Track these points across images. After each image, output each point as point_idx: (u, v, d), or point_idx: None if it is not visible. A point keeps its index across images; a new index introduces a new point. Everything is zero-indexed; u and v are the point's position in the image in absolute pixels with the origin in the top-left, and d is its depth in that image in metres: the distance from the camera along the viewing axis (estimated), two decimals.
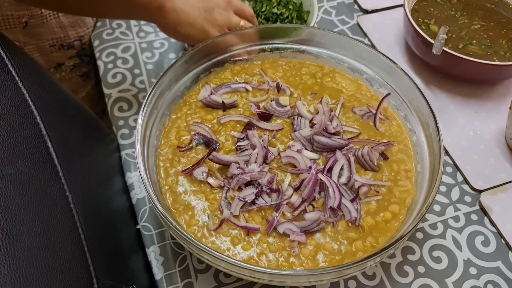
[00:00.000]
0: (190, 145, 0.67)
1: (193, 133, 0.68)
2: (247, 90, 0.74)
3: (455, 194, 0.73)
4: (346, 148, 0.66)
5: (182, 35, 0.75)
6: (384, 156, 0.66)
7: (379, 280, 0.65)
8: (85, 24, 0.96)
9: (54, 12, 0.90)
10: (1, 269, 0.41)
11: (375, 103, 0.72)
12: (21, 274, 0.43)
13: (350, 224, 0.60)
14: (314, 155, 0.65)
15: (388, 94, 0.71)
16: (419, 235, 0.69)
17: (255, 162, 0.63)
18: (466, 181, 0.75)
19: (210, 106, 0.72)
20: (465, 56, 0.79)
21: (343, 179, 0.63)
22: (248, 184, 0.62)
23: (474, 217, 0.71)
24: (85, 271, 0.52)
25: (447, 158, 0.77)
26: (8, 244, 0.43)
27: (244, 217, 0.60)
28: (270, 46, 0.78)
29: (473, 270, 0.66)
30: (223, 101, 0.72)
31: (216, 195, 0.62)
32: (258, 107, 0.71)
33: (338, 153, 0.64)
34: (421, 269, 0.66)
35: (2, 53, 0.57)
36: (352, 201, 0.61)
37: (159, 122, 0.69)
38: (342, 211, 0.60)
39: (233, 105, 0.72)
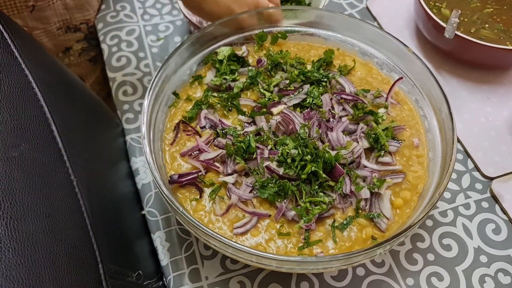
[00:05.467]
0: (196, 129, 0.66)
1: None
2: None
3: (465, 181, 0.72)
4: (355, 133, 0.65)
5: (205, 12, 0.72)
6: (396, 140, 0.65)
7: (388, 268, 0.64)
8: (92, 7, 0.93)
9: None
10: (6, 253, 0.40)
11: (386, 87, 0.70)
12: (26, 259, 0.42)
13: (360, 211, 0.59)
14: None
15: (400, 78, 0.70)
16: (429, 223, 0.68)
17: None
18: (477, 168, 0.73)
19: (217, 89, 0.71)
20: (477, 40, 0.77)
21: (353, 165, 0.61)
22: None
23: (485, 204, 0.70)
24: (91, 256, 0.51)
25: (458, 145, 0.76)
26: (12, 228, 0.42)
27: (252, 203, 0.59)
28: (279, 29, 0.76)
29: (483, 258, 0.65)
30: (229, 84, 0.70)
31: (224, 180, 0.61)
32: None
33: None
34: (430, 256, 0.65)
35: (5, 34, 0.56)
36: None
37: (165, 106, 0.68)
38: (356, 197, 0.59)
39: None
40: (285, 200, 0.58)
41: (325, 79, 0.70)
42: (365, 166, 0.62)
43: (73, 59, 0.97)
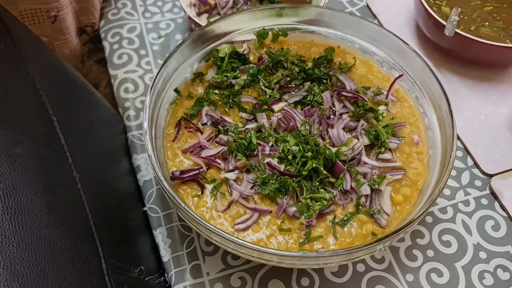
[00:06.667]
0: (198, 126, 0.67)
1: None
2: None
3: (465, 178, 0.73)
4: (355, 130, 0.65)
5: None
6: (396, 137, 0.65)
7: (388, 264, 0.64)
8: (96, 11, 0.93)
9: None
10: (10, 247, 0.40)
11: (387, 84, 0.71)
12: (30, 253, 0.42)
13: (360, 207, 0.60)
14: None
15: (400, 75, 0.70)
16: (429, 219, 0.68)
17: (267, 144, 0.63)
18: (476, 165, 0.74)
19: (218, 86, 0.71)
20: (477, 38, 0.77)
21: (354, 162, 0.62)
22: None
23: (484, 201, 0.70)
24: (93, 252, 0.52)
25: (458, 142, 0.76)
26: (17, 223, 0.42)
27: (254, 199, 0.60)
28: (279, 27, 0.76)
29: (482, 255, 0.65)
30: (230, 82, 0.71)
31: (225, 176, 0.61)
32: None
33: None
34: (430, 253, 0.65)
35: (8, 33, 0.56)
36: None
37: (166, 103, 0.68)
38: (357, 193, 0.60)
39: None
40: (286, 197, 0.59)
41: (325, 77, 0.70)
42: (366, 163, 0.62)
43: (88, 65, 0.96)
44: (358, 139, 0.63)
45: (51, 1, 0.79)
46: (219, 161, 0.62)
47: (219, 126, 0.66)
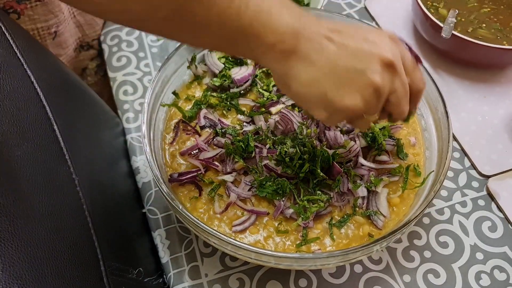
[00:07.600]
0: (196, 128, 0.67)
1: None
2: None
3: (462, 179, 0.73)
4: (352, 132, 0.66)
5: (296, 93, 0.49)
6: (393, 139, 0.65)
7: (385, 265, 0.65)
8: (101, 21, 0.93)
9: (72, 12, 0.85)
10: (10, 250, 0.41)
11: None
12: (29, 256, 0.43)
13: (357, 209, 0.60)
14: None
15: None
16: (426, 220, 0.69)
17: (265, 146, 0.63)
18: (473, 166, 0.74)
19: (216, 89, 0.72)
20: (474, 40, 0.78)
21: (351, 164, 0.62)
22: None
23: (481, 202, 0.71)
24: (92, 254, 0.52)
25: (455, 143, 0.77)
26: (16, 226, 0.43)
27: (251, 201, 0.60)
28: None
29: (479, 256, 0.66)
30: (229, 85, 0.71)
31: (223, 178, 0.62)
32: None
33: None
34: (427, 254, 0.66)
35: (7, 35, 0.57)
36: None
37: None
38: (353, 195, 0.60)
39: None
40: (283, 198, 0.59)
41: None
42: (362, 165, 0.62)
43: (90, 79, 0.96)
44: (355, 141, 0.64)
45: (50, 18, 0.79)
46: (217, 163, 0.63)
47: (217, 129, 0.66)
